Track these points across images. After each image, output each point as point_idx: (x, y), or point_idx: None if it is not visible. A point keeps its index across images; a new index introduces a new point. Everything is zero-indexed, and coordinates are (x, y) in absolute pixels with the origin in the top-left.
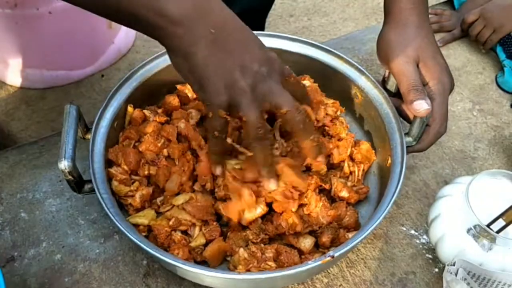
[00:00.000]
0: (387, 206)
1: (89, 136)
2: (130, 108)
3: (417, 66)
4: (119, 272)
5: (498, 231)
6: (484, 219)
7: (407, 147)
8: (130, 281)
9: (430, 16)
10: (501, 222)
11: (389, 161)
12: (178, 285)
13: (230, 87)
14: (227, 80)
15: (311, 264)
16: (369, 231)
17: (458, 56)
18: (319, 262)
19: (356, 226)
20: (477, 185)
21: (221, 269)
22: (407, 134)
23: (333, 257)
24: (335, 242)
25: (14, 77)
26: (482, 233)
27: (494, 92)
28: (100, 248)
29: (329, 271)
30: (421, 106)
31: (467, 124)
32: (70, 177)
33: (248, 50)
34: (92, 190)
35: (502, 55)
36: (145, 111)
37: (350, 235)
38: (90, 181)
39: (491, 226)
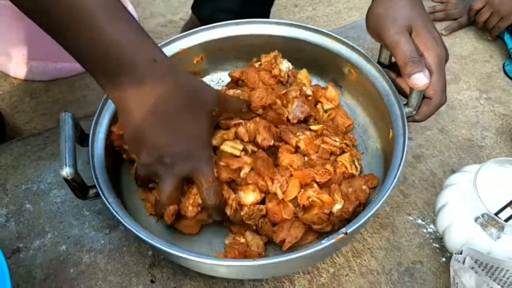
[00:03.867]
0: (394, 177)
1: (87, 142)
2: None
3: (410, 36)
4: (125, 263)
5: (507, 220)
6: (492, 208)
7: (407, 117)
8: (136, 271)
9: (436, 4)
10: (509, 211)
11: (391, 134)
12: (183, 275)
13: (148, 166)
14: (145, 162)
15: (324, 243)
16: (381, 202)
17: (465, 44)
18: (333, 240)
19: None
20: (485, 173)
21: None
22: (405, 105)
23: (346, 233)
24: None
25: (18, 70)
26: (490, 221)
27: (501, 80)
28: (105, 238)
29: (335, 260)
30: (420, 81)
31: (474, 113)
32: (73, 184)
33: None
34: (97, 195)
35: (510, 43)
36: None
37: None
38: (94, 187)
39: (499, 215)
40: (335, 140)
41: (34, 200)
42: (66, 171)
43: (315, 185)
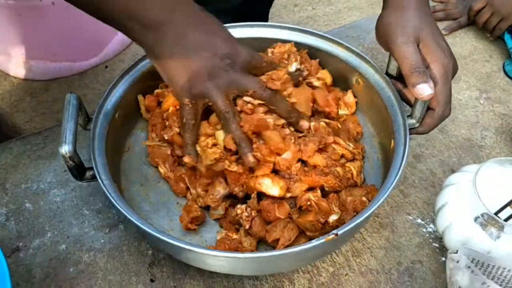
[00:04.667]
0: (392, 182)
1: (90, 126)
2: (141, 98)
3: (418, 47)
4: (124, 262)
5: (506, 219)
6: (491, 207)
7: (410, 129)
8: (136, 270)
9: (436, 4)
10: (509, 210)
11: (392, 144)
12: (183, 274)
13: (194, 82)
14: (190, 78)
15: (314, 242)
16: (377, 206)
17: (465, 44)
18: (323, 240)
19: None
20: (484, 173)
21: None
22: (409, 116)
23: (337, 234)
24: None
25: (18, 69)
26: (490, 221)
27: (501, 80)
28: (105, 238)
29: (334, 260)
30: (424, 91)
31: (474, 113)
32: (71, 162)
33: (209, 47)
34: (93, 177)
35: (510, 43)
36: (157, 90)
37: None
38: (91, 168)
39: (499, 214)
40: (348, 145)
41: (34, 199)
42: (65, 149)
43: (319, 191)
